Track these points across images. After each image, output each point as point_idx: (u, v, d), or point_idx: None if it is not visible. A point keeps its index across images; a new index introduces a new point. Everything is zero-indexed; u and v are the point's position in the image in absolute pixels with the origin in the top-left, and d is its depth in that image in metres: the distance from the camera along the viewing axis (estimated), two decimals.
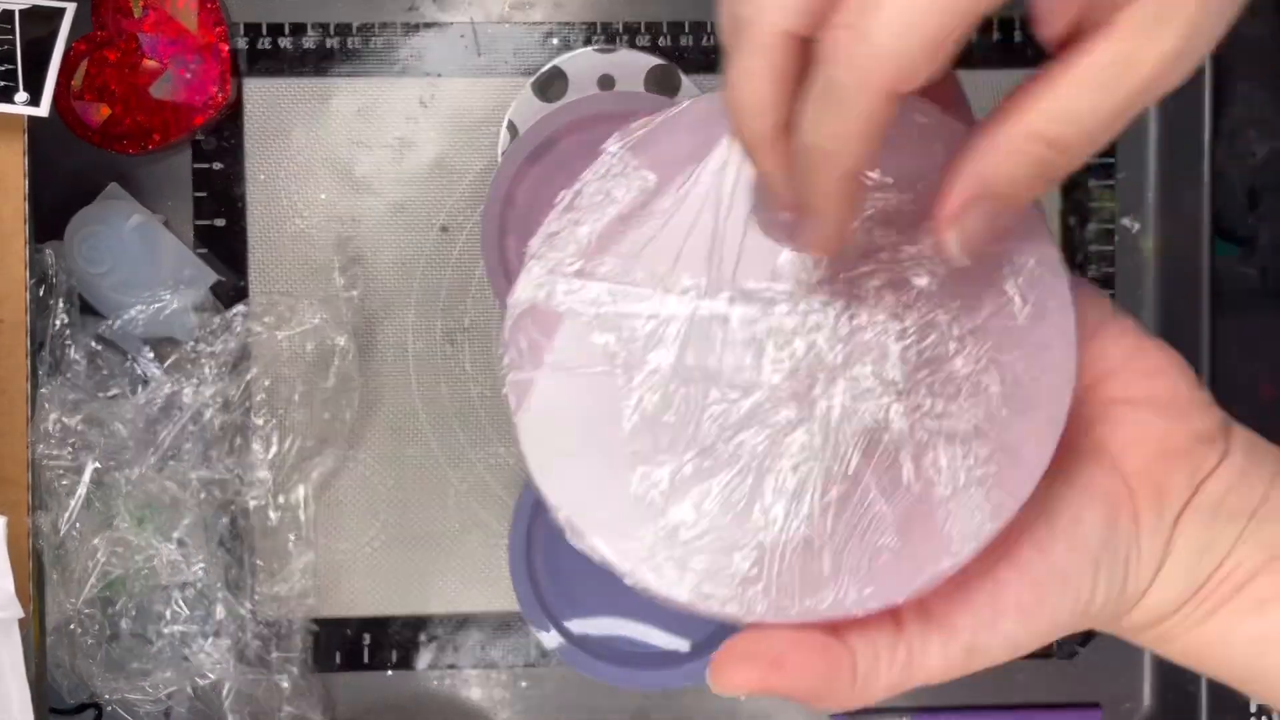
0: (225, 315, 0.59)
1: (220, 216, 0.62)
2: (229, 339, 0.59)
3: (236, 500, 0.60)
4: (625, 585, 0.35)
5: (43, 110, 0.52)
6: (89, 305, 0.59)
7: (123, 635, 0.59)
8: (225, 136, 0.62)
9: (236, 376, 0.59)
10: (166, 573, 0.58)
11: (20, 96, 0.51)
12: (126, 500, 0.57)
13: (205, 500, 0.59)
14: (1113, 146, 0.65)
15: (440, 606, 0.64)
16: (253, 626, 0.60)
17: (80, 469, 0.57)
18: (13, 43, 0.51)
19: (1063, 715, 0.65)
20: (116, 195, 0.60)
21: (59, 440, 0.56)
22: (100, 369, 0.58)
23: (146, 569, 0.58)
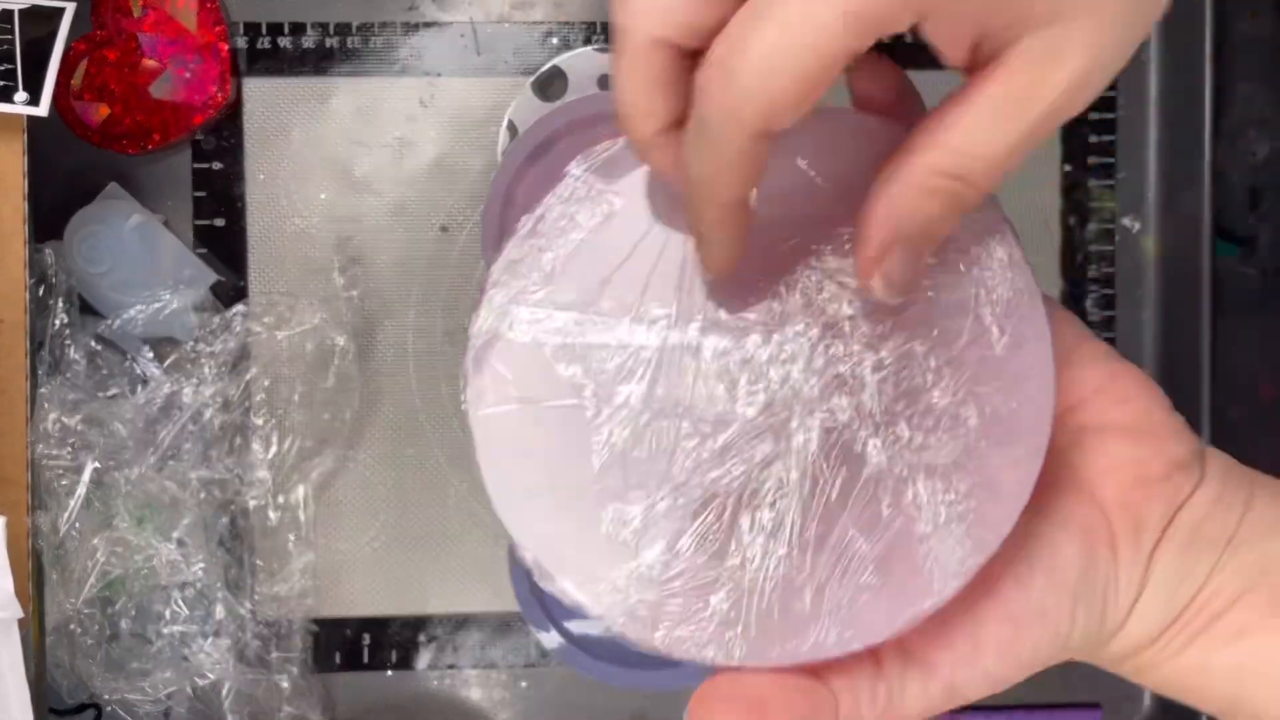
0: (225, 315, 0.59)
1: (220, 216, 0.62)
2: (229, 339, 0.59)
3: (236, 500, 0.60)
4: None
5: (42, 110, 0.51)
6: (88, 305, 0.59)
7: (122, 635, 0.59)
8: (225, 136, 0.62)
9: (236, 376, 0.59)
10: (166, 573, 0.58)
11: (20, 96, 0.51)
12: (126, 500, 0.57)
13: (205, 500, 0.59)
14: (1113, 146, 0.64)
15: (440, 606, 0.64)
16: (252, 626, 0.60)
17: (80, 469, 0.57)
18: (12, 42, 0.51)
19: (1063, 715, 0.65)
20: (116, 195, 0.60)
21: (58, 440, 0.56)
22: (100, 369, 0.58)
23: (146, 569, 0.58)
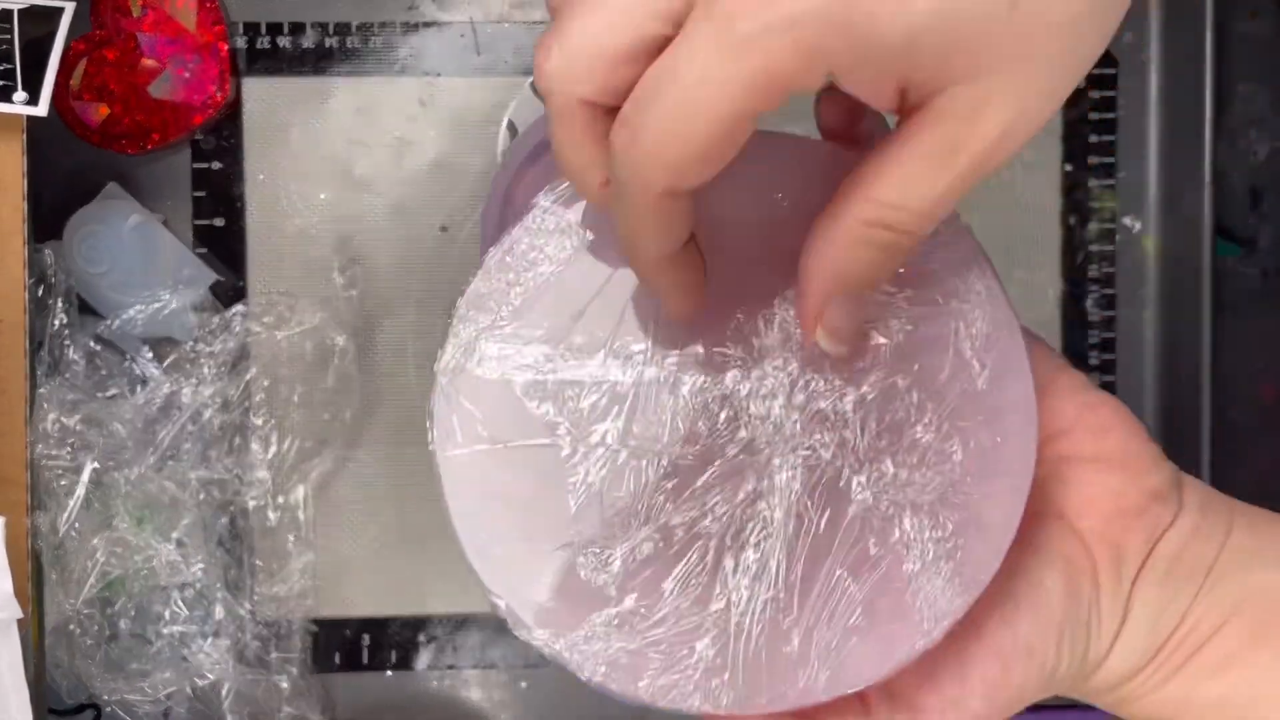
0: (224, 315, 0.59)
1: (219, 216, 0.62)
2: (228, 339, 0.58)
3: (236, 500, 0.60)
4: None
5: (41, 110, 0.51)
6: (88, 305, 0.59)
7: (122, 636, 0.59)
8: (224, 136, 0.62)
9: (235, 376, 0.59)
10: (165, 573, 0.58)
11: (19, 96, 0.51)
12: (125, 500, 0.57)
13: (204, 500, 0.59)
14: (1113, 146, 0.64)
15: (440, 607, 0.64)
16: (252, 627, 0.60)
17: (79, 469, 0.57)
18: (11, 42, 0.51)
19: (1063, 715, 0.65)
20: (115, 195, 0.60)
21: (58, 440, 0.56)
22: (99, 369, 0.58)
23: (145, 569, 0.58)
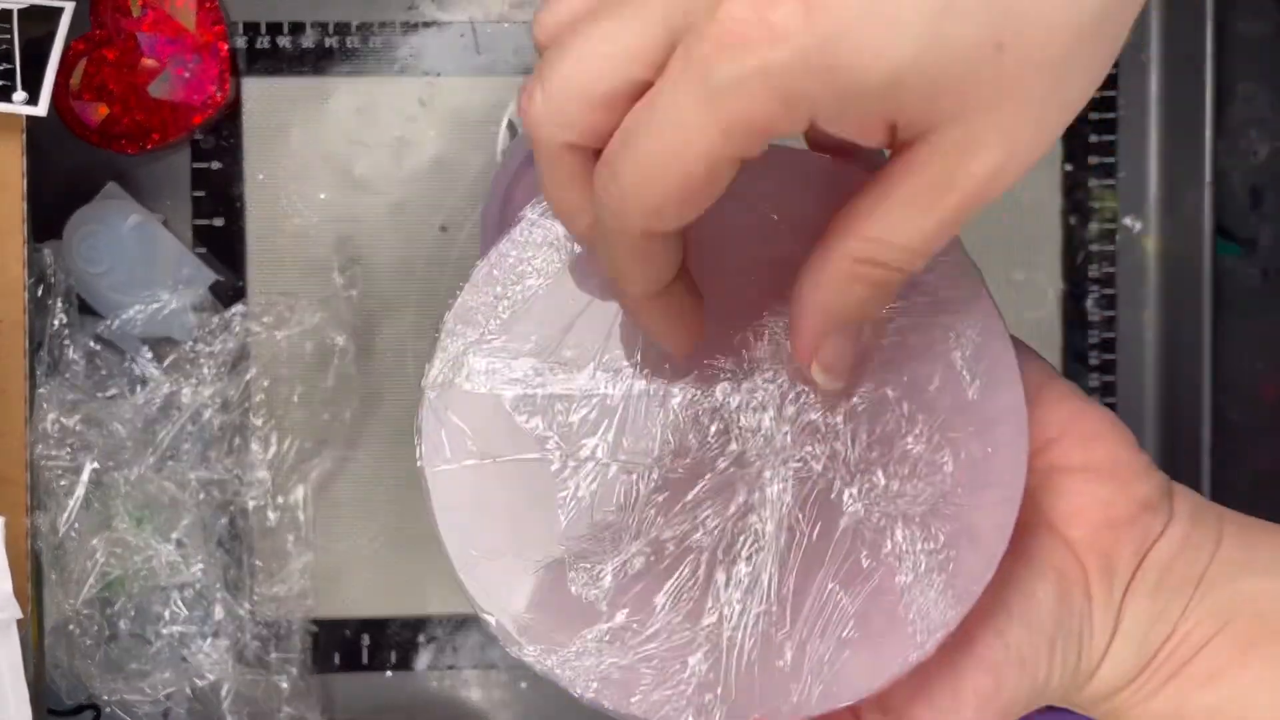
0: (224, 315, 0.59)
1: (219, 216, 0.62)
2: (228, 339, 0.58)
3: (235, 501, 0.60)
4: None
5: (41, 109, 0.51)
6: (87, 305, 0.59)
7: (121, 636, 0.59)
8: (224, 136, 0.62)
9: (235, 377, 0.59)
10: (165, 573, 0.58)
11: (18, 96, 0.51)
12: (125, 500, 0.57)
13: (204, 501, 0.59)
14: (1113, 146, 0.64)
15: (439, 607, 0.63)
16: (251, 627, 0.60)
17: (79, 469, 0.57)
18: (11, 42, 0.51)
19: (1062, 715, 0.65)
20: (115, 195, 0.60)
21: (57, 440, 0.56)
22: (99, 369, 0.58)
23: (145, 569, 0.58)
